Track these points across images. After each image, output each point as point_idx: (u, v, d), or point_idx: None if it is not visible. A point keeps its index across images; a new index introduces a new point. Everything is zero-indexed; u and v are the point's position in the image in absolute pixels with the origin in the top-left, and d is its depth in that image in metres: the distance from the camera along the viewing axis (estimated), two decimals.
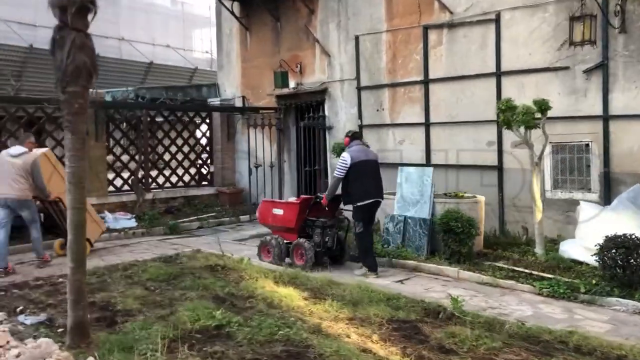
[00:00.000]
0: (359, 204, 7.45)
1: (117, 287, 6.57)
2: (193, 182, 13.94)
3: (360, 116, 11.13)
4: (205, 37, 30.37)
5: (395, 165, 10.48)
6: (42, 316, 5.39)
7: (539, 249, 7.63)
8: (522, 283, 6.73)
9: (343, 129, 11.52)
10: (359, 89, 11.11)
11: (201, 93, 14.54)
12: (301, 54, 12.33)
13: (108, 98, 12.90)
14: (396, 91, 10.53)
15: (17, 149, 8.32)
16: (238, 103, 13.89)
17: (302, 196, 9.36)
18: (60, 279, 7.24)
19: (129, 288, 6.52)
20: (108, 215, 11.62)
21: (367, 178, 7.49)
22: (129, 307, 5.69)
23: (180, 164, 13.73)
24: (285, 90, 12.51)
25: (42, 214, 10.20)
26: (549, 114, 7.52)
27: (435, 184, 8.34)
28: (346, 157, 7.55)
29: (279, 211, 8.28)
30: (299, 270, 7.45)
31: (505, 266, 7.30)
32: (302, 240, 7.98)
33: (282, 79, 12.00)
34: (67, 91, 4.15)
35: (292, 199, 9.27)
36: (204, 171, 14.22)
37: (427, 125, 10.04)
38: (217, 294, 6.17)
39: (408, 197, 8.41)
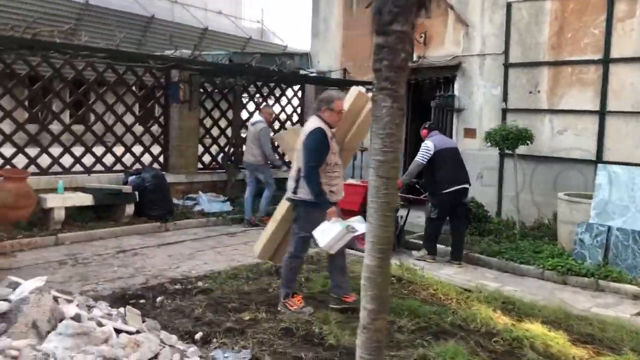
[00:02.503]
0: (445, 191, 7.26)
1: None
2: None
3: (505, 98, 9.46)
4: (255, 4, 28.72)
5: (548, 159, 8.92)
6: (245, 353, 3.85)
7: None
8: None
9: (478, 112, 9.89)
10: (507, 65, 9.43)
11: (286, 62, 12.85)
12: (427, 22, 10.61)
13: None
14: (560, 71, 8.84)
15: (254, 118, 9.62)
16: (336, 76, 12.22)
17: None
18: (200, 282, 5.74)
19: (306, 304, 4.99)
20: (202, 196, 10.12)
21: (453, 165, 7.42)
22: (346, 342, 4.14)
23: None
24: None
25: (136, 192, 8.72)
26: None
27: None
28: (429, 144, 7.41)
29: None
30: (497, 290, 5.89)
31: None
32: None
33: None
34: (391, 30, 2.56)
35: (352, 181, 8.46)
36: None
37: (602, 113, 8.37)
38: (439, 326, 4.63)
39: (614, 202, 6.79)
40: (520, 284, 6.51)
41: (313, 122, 4.94)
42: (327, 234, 4.61)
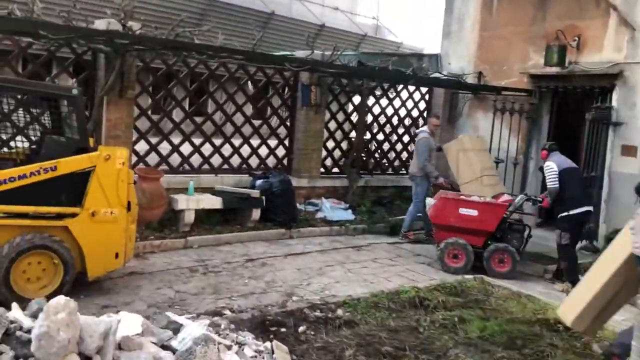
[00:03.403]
0: (574, 212, 6.97)
1: (448, 348, 4.42)
2: (403, 170, 11.72)
3: None
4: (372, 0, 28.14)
5: None
6: None
7: None
8: None
9: None
10: None
11: (421, 64, 12.12)
12: (582, 24, 9.50)
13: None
14: None
15: (420, 129, 9.57)
16: (469, 80, 11.33)
17: (505, 197, 7.94)
18: (340, 310, 5.26)
19: (468, 353, 4.35)
20: (324, 203, 9.74)
21: (580, 185, 7.29)
22: None
23: (393, 147, 11.57)
24: (547, 70, 9.79)
25: (263, 197, 8.45)
26: None
27: None
28: (551, 164, 7.16)
29: (470, 212, 7.41)
30: None
31: None
32: (503, 245, 7.34)
33: (558, 55, 9.23)
34: None
35: (478, 199, 7.70)
36: None
37: None
38: None
39: None
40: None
41: None
42: None
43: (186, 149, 8.89)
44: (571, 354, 4.49)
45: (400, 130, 11.65)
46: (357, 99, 11.19)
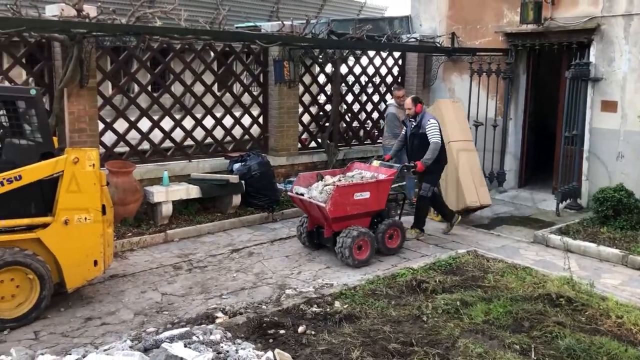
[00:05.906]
0: (443, 165, 7.35)
1: (455, 337, 4.25)
2: (381, 139, 11.45)
3: None
4: None
5: None
6: None
7: None
8: None
9: (620, 82, 8.56)
10: None
11: (393, 27, 11.72)
12: None
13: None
14: None
15: (389, 102, 9.48)
16: (445, 43, 11.01)
17: (390, 168, 7.03)
18: (338, 303, 5.05)
19: (476, 342, 4.19)
20: None
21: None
22: None
23: (369, 116, 11.28)
24: (523, 28, 9.54)
25: (243, 182, 8.13)
26: None
27: None
28: (435, 121, 7.19)
29: (363, 195, 6.54)
30: None
31: None
32: (396, 220, 6.96)
33: (534, 11, 8.97)
34: None
35: (366, 175, 6.96)
36: None
37: None
38: None
39: None
40: None
41: None
42: None
43: (156, 135, 8.45)
44: (579, 332, 4.38)
45: (376, 98, 11.33)
46: (329, 68, 10.81)
